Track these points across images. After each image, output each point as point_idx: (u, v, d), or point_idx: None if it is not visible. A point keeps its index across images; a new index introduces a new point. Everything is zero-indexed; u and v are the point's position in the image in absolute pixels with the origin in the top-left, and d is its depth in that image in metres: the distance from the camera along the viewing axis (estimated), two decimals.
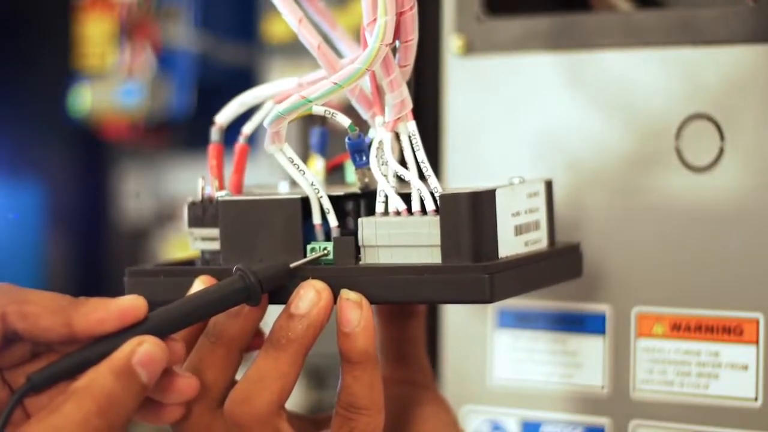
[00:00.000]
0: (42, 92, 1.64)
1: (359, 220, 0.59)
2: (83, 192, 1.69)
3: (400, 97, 0.59)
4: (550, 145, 0.70)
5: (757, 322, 0.64)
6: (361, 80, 0.58)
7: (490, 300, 0.57)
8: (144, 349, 0.54)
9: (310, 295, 0.57)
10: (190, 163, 1.57)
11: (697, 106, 0.66)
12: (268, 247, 0.60)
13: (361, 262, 0.58)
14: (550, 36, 0.70)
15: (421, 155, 0.59)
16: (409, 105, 0.59)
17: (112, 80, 1.54)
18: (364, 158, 0.59)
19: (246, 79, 1.44)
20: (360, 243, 0.58)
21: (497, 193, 0.58)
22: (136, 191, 1.66)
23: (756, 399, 0.64)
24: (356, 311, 0.57)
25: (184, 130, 1.56)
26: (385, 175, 0.59)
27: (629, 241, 0.67)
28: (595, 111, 0.69)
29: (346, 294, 0.57)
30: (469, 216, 0.57)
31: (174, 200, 1.61)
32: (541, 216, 0.62)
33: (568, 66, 0.69)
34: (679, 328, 0.66)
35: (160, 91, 1.52)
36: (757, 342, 0.64)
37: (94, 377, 0.53)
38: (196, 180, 0.63)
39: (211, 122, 0.63)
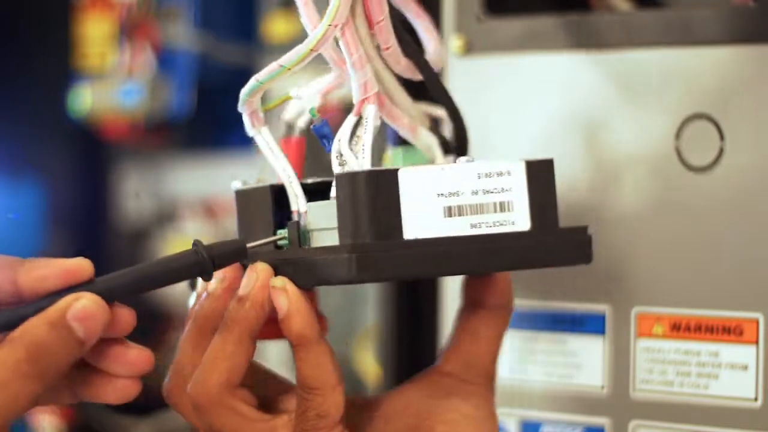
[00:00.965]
0: (42, 92, 1.64)
1: (308, 204, 0.60)
2: (83, 192, 1.69)
3: (363, 78, 0.59)
4: (549, 145, 0.69)
5: (757, 322, 0.64)
6: (306, 61, 0.58)
7: (352, 279, 0.57)
8: (80, 304, 0.55)
9: (251, 276, 0.59)
10: (190, 163, 1.58)
11: (697, 106, 0.66)
12: (255, 233, 0.61)
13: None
14: (550, 36, 0.70)
15: (366, 138, 0.59)
16: (373, 87, 0.59)
17: (112, 80, 1.54)
18: (330, 143, 0.60)
19: (246, 79, 1.44)
20: (304, 227, 0.60)
21: (401, 173, 0.57)
22: (136, 191, 1.66)
23: (756, 399, 0.64)
24: (282, 296, 0.58)
25: (184, 130, 1.57)
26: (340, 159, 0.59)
27: (629, 241, 0.67)
28: (594, 111, 0.69)
29: (272, 281, 0.59)
30: (359, 195, 0.57)
31: (174, 200, 1.61)
32: (513, 197, 0.59)
33: (568, 66, 0.69)
34: (679, 328, 0.66)
35: (160, 91, 1.52)
36: (757, 342, 0.64)
37: (28, 327, 0.55)
38: (196, 180, 0.63)
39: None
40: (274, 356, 1.07)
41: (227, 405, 0.60)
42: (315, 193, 0.60)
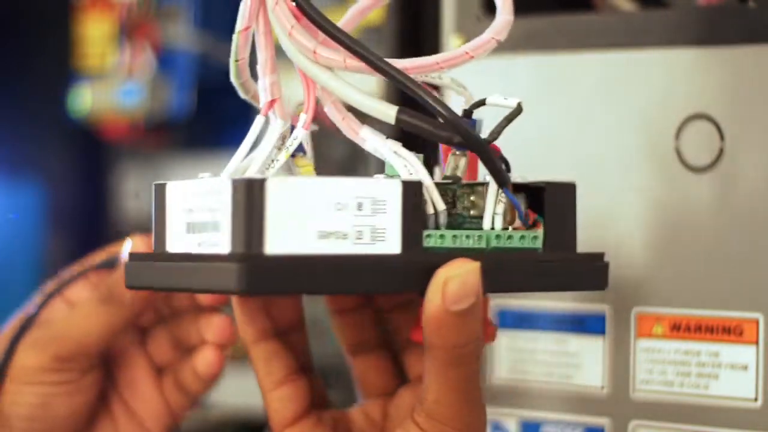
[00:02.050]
0: (42, 92, 1.64)
1: None
2: (83, 192, 1.69)
3: (266, 84, 0.57)
4: (549, 145, 0.70)
5: (757, 322, 0.64)
6: (243, 70, 0.58)
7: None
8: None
9: None
10: (190, 163, 1.57)
11: (697, 106, 0.66)
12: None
13: None
14: (550, 36, 0.70)
15: (242, 146, 0.58)
16: (270, 95, 0.57)
17: (112, 80, 1.54)
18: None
19: None
20: None
21: (168, 186, 0.57)
22: (136, 191, 1.66)
23: (756, 399, 0.64)
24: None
25: (184, 130, 1.56)
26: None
27: (629, 241, 0.67)
28: (594, 111, 0.69)
29: None
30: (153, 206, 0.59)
31: None
32: (221, 218, 0.54)
33: (568, 66, 0.69)
34: (679, 329, 0.66)
35: (160, 91, 1.52)
36: (757, 342, 0.64)
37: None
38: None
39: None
40: None
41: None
42: None
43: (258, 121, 0.58)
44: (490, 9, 0.71)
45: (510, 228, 0.58)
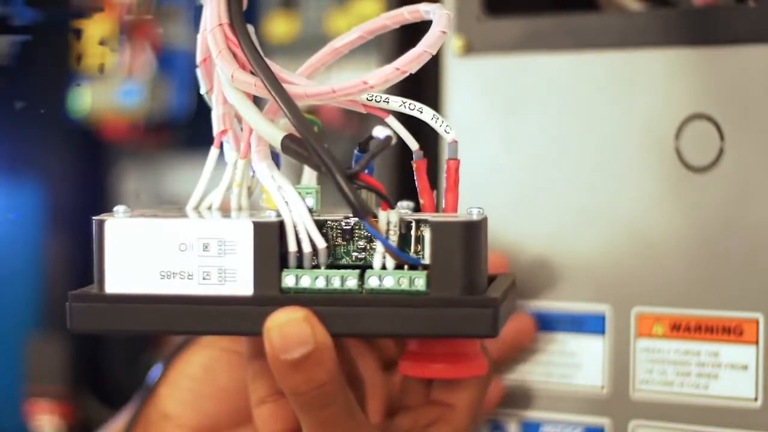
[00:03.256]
0: (42, 92, 1.64)
1: None
2: (83, 192, 1.69)
3: (218, 113, 0.58)
4: (550, 145, 0.69)
5: (757, 322, 0.64)
6: (214, 105, 0.59)
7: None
8: None
9: None
10: (190, 163, 1.58)
11: (697, 106, 0.66)
12: None
13: None
14: (550, 36, 0.70)
15: (202, 177, 0.59)
16: (222, 125, 0.58)
17: (112, 80, 1.54)
18: None
19: None
20: None
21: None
22: (136, 191, 1.66)
23: (756, 399, 0.64)
24: None
25: (184, 130, 1.57)
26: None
27: (629, 241, 0.67)
28: (594, 111, 0.69)
29: None
30: None
31: (174, 200, 1.61)
32: None
33: (568, 66, 0.69)
34: (679, 328, 0.66)
35: (160, 91, 1.52)
36: (756, 342, 0.64)
37: None
38: (196, 180, 0.62)
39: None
40: None
41: None
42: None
43: (212, 153, 0.59)
44: (490, 10, 0.71)
45: (406, 268, 0.54)
